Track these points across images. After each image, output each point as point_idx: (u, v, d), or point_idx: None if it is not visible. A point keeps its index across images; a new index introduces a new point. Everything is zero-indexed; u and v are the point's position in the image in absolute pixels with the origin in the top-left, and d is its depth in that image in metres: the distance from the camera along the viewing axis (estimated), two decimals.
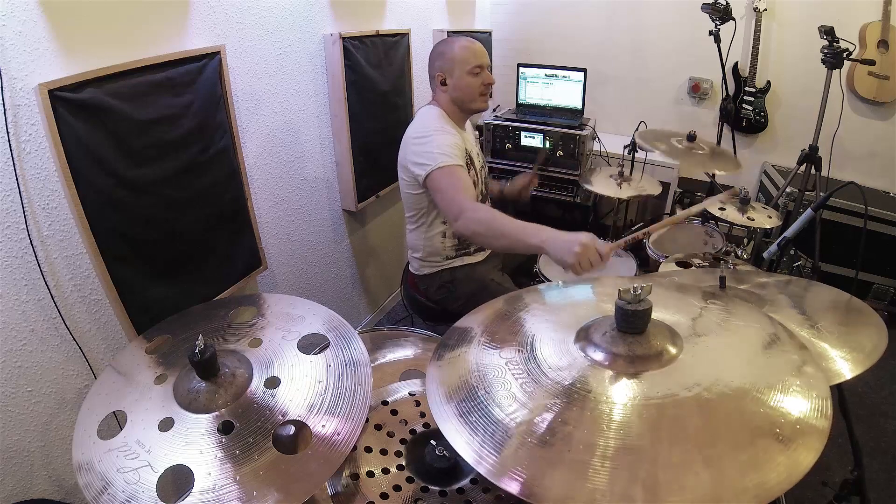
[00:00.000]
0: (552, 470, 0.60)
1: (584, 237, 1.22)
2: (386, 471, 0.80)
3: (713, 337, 0.78)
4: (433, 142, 1.56)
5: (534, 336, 0.81)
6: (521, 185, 2.00)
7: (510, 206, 2.08)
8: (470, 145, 1.75)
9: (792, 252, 2.63)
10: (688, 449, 0.59)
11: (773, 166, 2.89)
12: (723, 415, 0.63)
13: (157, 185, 1.34)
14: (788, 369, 0.69)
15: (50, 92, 1.08)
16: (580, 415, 0.65)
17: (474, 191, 1.56)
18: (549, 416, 0.65)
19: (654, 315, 0.75)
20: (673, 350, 0.72)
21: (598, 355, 0.73)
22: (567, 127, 2.75)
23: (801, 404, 0.63)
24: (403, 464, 0.82)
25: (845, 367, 0.87)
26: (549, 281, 1.84)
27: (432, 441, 0.83)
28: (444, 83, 1.66)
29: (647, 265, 2.00)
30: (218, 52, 1.46)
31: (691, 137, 2.02)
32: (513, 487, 0.58)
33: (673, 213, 2.90)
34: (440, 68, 1.65)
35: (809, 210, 1.39)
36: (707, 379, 0.67)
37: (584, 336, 0.78)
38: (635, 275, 1.87)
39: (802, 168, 2.22)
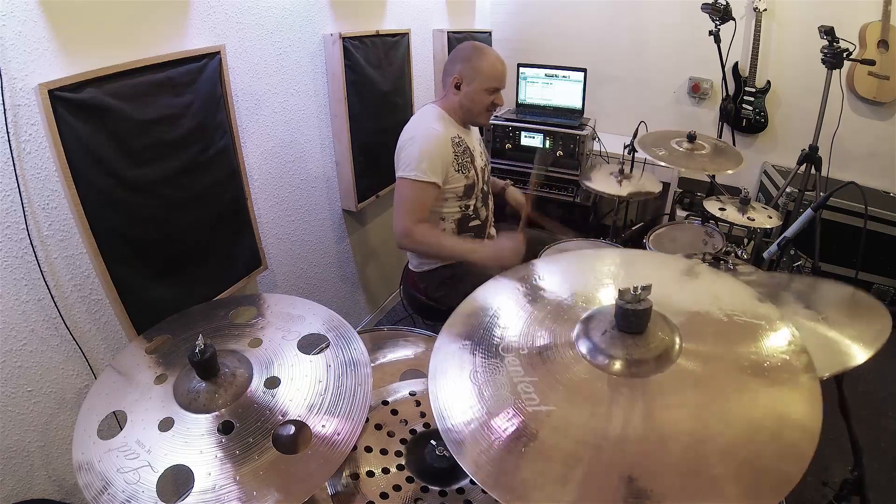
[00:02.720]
0: (552, 395, 0.64)
1: (504, 244, 1.58)
2: (386, 471, 0.80)
3: (702, 286, 0.83)
4: (419, 147, 1.59)
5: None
6: (518, 203, 2.02)
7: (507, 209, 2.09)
8: (472, 143, 1.76)
9: (792, 252, 2.63)
10: (682, 382, 0.63)
11: (773, 166, 2.89)
12: (712, 348, 0.68)
13: (157, 185, 1.34)
14: (771, 315, 0.74)
15: (50, 92, 1.08)
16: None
17: (426, 211, 1.62)
18: (546, 338, 0.69)
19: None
20: (674, 350, 0.72)
21: (600, 358, 0.74)
22: (567, 127, 2.75)
23: (782, 346, 0.68)
24: (403, 463, 0.82)
25: (850, 354, 0.88)
26: None
27: (432, 441, 0.83)
28: (458, 87, 1.67)
29: None
30: (218, 52, 1.46)
31: (691, 137, 2.02)
32: (514, 423, 0.61)
33: (673, 213, 2.90)
34: (461, 72, 1.66)
35: (809, 210, 1.39)
36: (697, 310, 0.73)
37: (584, 335, 0.78)
38: None
39: (802, 168, 2.22)
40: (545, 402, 0.66)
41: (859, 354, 0.88)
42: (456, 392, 0.69)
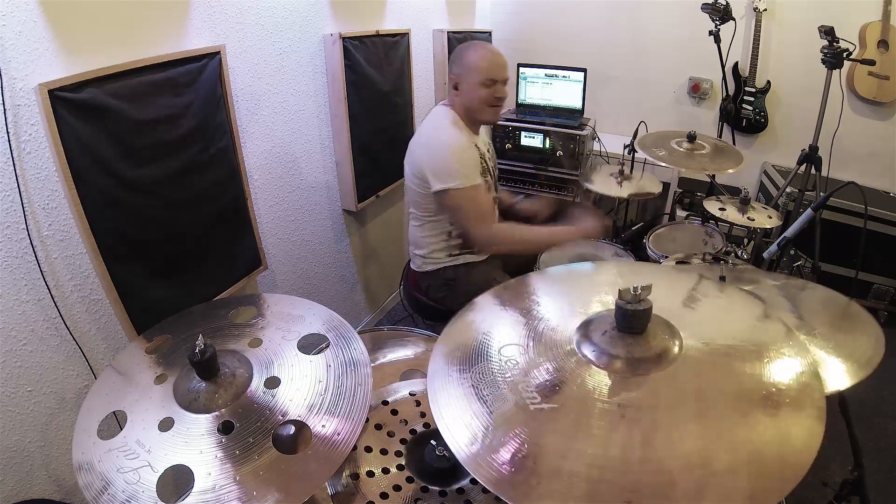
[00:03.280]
0: (549, 432, 0.63)
1: (587, 220, 1.69)
2: (386, 471, 0.80)
3: (706, 307, 0.82)
4: (453, 156, 1.57)
5: (538, 316, 0.83)
6: (537, 209, 2.01)
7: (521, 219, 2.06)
8: (483, 147, 1.75)
9: (792, 252, 2.62)
10: (683, 409, 0.62)
11: (773, 166, 2.89)
12: (715, 376, 0.66)
13: (157, 185, 1.34)
14: (779, 338, 0.73)
15: (50, 92, 1.08)
16: (577, 374, 0.68)
17: (493, 207, 1.63)
18: (546, 375, 0.67)
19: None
20: (675, 350, 0.72)
21: (600, 357, 0.73)
22: (567, 127, 2.75)
23: (790, 372, 0.66)
24: (403, 464, 0.82)
25: (841, 377, 0.86)
26: None
27: (432, 441, 0.83)
28: (456, 88, 1.66)
29: None
30: (218, 52, 1.46)
31: (691, 137, 2.02)
32: (506, 454, 0.60)
33: (673, 213, 2.90)
34: (455, 72, 1.65)
35: (809, 210, 1.39)
36: (701, 337, 0.71)
37: (584, 336, 0.78)
38: None
39: (802, 168, 2.22)
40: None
41: (851, 376, 0.86)
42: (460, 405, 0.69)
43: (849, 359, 0.89)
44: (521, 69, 2.95)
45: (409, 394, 0.94)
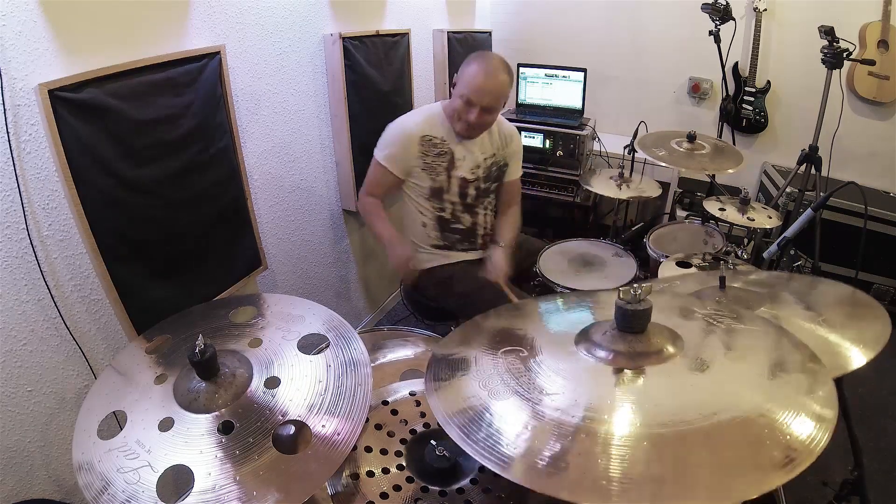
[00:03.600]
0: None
1: (397, 259, 1.70)
2: (386, 471, 0.80)
3: (719, 364, 0.75)
4: (389, 129, 1.71)
5: (536, 369, 0.77)
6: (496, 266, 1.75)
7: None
8: (461, 151, 1.71)
9: (792, 252, 2.63)
10: (695, 482, 0.58)
11: (773, 166, 2.89)
12: (732, 446, 0.60)
13: (157, 185, 1.34)
14: (797, 393, 0.68)
15: (50, 92, 1.08)
16: (586, 447, 0.62)
17: (378, 189, 1.77)
18: (553, 448, 0.63)
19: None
20: (672, 349, 0.73)
21: (601, 353, 0.73)
22: (567, 127, 2.75)
23: (808, 429, 0.60)
24: (403, 464, 0.82)
25: (850, 357, 0.88)
26: (548, 279, 1.84)
27: (432, 441, 0.83)
28: (454, 87, 1.69)
29: (647, 265, 2.00)
30: (218, 52, 1.46)
31: (691, 137, 2.02)
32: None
33: (673, 212, 2.90)
34: (457, 73, 1.67)
35: (809, 210, 1.39)
36: (714, 408, 0.64)
37: (584, 338, 0.78)
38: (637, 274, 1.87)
39: (802, 168, 2.22)
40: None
41: (859, 358, 0.87)
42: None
43: (856, 340, 0.91)
44: (521, 69, 2.96)
45: (409, 394, 0.94)
